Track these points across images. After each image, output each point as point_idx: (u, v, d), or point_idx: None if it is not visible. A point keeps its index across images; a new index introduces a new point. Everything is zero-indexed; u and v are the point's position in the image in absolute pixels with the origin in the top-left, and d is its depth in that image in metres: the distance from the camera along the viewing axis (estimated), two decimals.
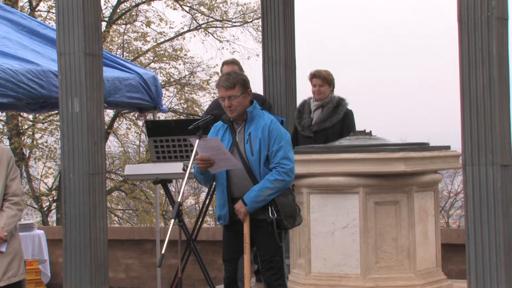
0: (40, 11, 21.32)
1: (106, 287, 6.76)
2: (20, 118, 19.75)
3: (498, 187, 5.34)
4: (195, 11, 22.16)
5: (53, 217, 22.68)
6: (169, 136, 7.46)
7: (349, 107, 7.66)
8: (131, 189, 21.34)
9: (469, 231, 5.43)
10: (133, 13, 21.92)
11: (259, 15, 9.83)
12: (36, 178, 21.96)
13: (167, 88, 21.65)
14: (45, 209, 21.50)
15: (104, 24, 20.48)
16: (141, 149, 21.82)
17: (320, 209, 6.42)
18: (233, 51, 21.96)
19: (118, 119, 21.22)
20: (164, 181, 7.53)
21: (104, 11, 20.86)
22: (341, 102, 7.62)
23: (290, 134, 5.86)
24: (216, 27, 22.57)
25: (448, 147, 6.76)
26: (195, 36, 22.30)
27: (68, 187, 6.66)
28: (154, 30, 21.66)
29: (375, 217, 6.30)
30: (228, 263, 5.74)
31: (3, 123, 20.10)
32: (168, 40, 22.03)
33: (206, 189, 8.66)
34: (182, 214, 5.51)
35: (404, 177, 6.33)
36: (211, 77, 21.54)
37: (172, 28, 21.80)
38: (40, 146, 20.26)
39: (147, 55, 21.69)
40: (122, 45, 21.31)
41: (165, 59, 21.71)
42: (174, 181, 12.62)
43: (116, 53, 19.61)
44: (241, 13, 22.22)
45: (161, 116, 18.12)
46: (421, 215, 6.43)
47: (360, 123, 7.62)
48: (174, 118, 20.18)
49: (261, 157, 5.50)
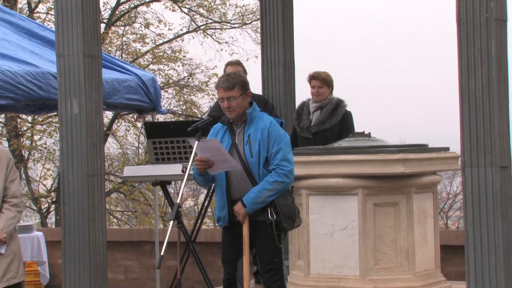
0: (39, 12, 21.34)
1: None
2: (19, 120, 19.75)
3: (497, 188, 5.34)
4: (194, 13, 22.17)
5: (52, 219, 22.68)
6: (168, 138, 7.45)
7: (348, 108, 7.66)
8: (130, 190, 21.34)
9: (468, 232, 5.42)
10: (132, 15, 21.94)
11: (258, 16, 9.84)
12: (35, 179, 21.96)
13: (166, 89, 21.65)
14: (44, 210, 21.50)
15: (103, 25, 20.48)
16: (140, 150, 21.81)
17: (319, 210, 6.42)
18: (232, 53, 22.00)
19: (117, 120, 21.23)
20: (163, 183, 7.53)
21: (103, 12, 20.87)
22: (340, 103, 7.62)
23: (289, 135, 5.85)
24: (215, 28, 22.58)
25: (447, 149, 6.75)
26: (194, 37, 22.34)
27: (67, 188, 6.65)
28: (153, 32, 21.70)
29: (374, 218, 6.30)
30: (227, 265, 5.74)
31: (2, 124, 20.10)
32: (167, 42, 22.04)
33: (205, 191, 8.65)
34: (181, 216, 5.50)
35: (403, 179, 6.33)
36: (210, 78, 21.55)
37: (171, 30, 21.84)
38: (39, 147, 20.26)
39: (146, 56, 21.69)
40: (121, 46, 21.31)
41: (164, 60, 21.72)
42: (173, 182, 12.60)
43: (115, 55, 19.61)
44: (240, 14, 22.24)
45: (160, 118, 18.13)
46: (420, 216, 6.43)
47: (359, 125, 7.63)
48: (173, 120, 20.18)
49: (260, 159, 5.49)
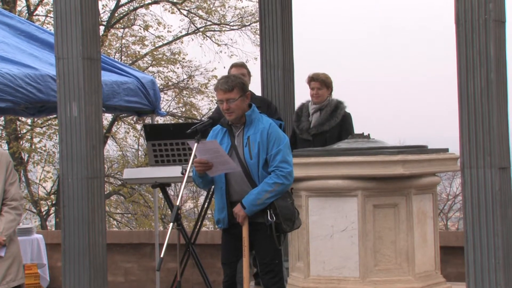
0: (38, 15, 21.34)
1: None
2: (18, 123, 19.74)
3: (496, 189, 5.34)
4: (193, 15, 22.18)
5: (52, 221, 22.67)
6: (168, 140, 7.46)
7: (347, 110, 7.66)
8: (129, 193, 21.33)
9: (467, 233, 5.42)
10: (131, 17, 21.94)
11: (257, 18, 9.84)
12: (35, 182, 21.95)
13: (165, 92, 21.65)
14: (44, 213, 21.49)
15: (102, 28, 20.48)
16: (140, 153, 21.81)
17: (319, 212, 6.42)
18: (231, 55, 22.00)
19: (116, 123, 21.23)
20: (163, 185, 7.53)
21: (102, 15, 20.87)
22: (339, 105, 7.63)
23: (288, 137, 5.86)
24: (214, 30, 22.59)
25: (446, 150, 6.76)
26: (193, 39, 22.35)
27: (67, 191, 6.65)
28: (152, 34, 21.70)
29: (373, 220, 6.30)
30: (227, 267, 5.74)
31: (1, 127, 20.09)
32: (166, 44, 22.04)
33: (205, 193, 8.65)
34: (181, 218, 5.51)
35: (402, 180, 6.33)
36: (209, 80, 21.55)
37: (170, 32, 21.85)
38: (38, 150, 20.25)
39: (145, 59, 21.70)
40: (120, 49, 21.31)
41: (163, 62, 21.72)
42: (173, 184, 12.60)
43: (114, 57, 19.61)
44: (239, 16, 22.24)
45: (160, 120, 18.12)
46: (420, 217, 6.43)
47: (358, 126, 7.63)
48: (173, 122, 20.19)
49: (259, 161, 5.49)
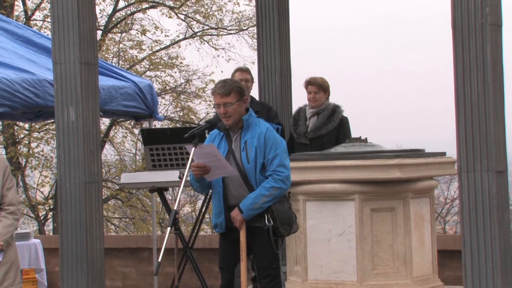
0: (36, 20, 21.35)
1: None
2: (16, 127, 19.74)
3: (494, 193, 5.34)
4: (191, 19, 22.21)
5: (49, 226, 22.66)
6: (165, 144, 7.46)
7: (345, 114, 7.67)
8: (127, 197, 21.34)
9: (465, 237, 5.43)
10: (129, 22, 21.96)
11: (255, 22, 9.85)
12: (33, 187, 21.94)
13: (163, 96, 21.67)
14: (42, 218, 21.48)
15: (99, 32, 20.49)
16: (138, 157, 21.81)
17: (316, 216, 6.42)
18: (229, 59, 22.04)
19: (114, 127, 21.23)
20: (161, 189, 7.54)
21: (99, 19, 20.89)
22: (336, 109, 7.63)
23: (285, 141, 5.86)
24: (212, 35, 22.62)
25: (443, 154, 6.76)
26: (190, 44, 22.38)
27: (64, 196, 6.65)
28: (150, 38, 21.73)
29: (371, 223, 6.30)
30: (224, 271, 5.74)
31: None
32: (164, 48, 22.06)
33: (202, 197, 8.66)
34: (179, 222, 5.51)
35: (399, 184, 6.34)
36: (206, 85, 21.58)
37: (168, 36, 21.88)
38: (36, 155, 20.25)
39: (142, 63, 21.71)
40: (117, 53, 21.33)
41: (160, 67, 21.75)
42: (171, 189, 12.61)
43: (111, 62, 19.62)
44: (237, 20, 22.27)
45: (157, 124, 18.12)
46: (417, 221, 6.44)
47: (355, 130, 7.64)
48: (170, 126, 20.19)
49: (257, 165, 5.50)
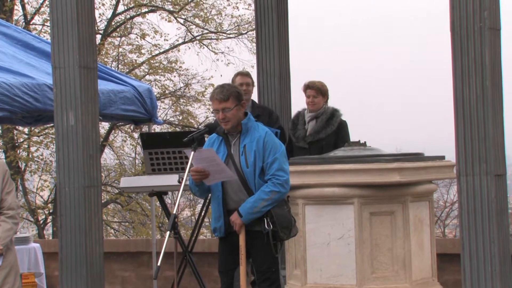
0: (35, 24, 21.35)
1: None
2: (15, 132, 19.74)
3: (492, 196, 5.35)
4: (190, 23, 22.21)
5: (49, 230, 22.63)
6: (164, 148, 7.47)
7: (343, 117, 7.68)
8: (127, 201, 21.32)
9: (463, 240, 5.43)
10: (128, 26, 21.97)
11: (254, 26, 9.86)
12: (32, 191, 21.93)
13: (162, 100, 21.68)
14: (41, 222, 21.47)
15: (99, 36, 20.51)
16: (137, 161, 21.81)
17: (316, 220, 6.42)
18: (228, 63, 22.05)
19: (113, 131, 21.23)
20: (160, 193, 7.54)
21: (99, 23, 20.90)
22: (335, 113, 7.64)
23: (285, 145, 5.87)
24: (211, 39, 22.63)
25: (442, 157, 6.77)
26: (190, 48, 22.38)
27: (64, 200, 6.66)
28: (149, 43, 21.74)
29: (370, 227, 6.30)
30: (224, 275, 5.74)
31: None
32: (163, 52, 22.07)
33: (202, 201, 8.66)
34: (178, 226, 5.52)
35: (399, 188, 6.34)
36: (206, 88, 21.58)
37: (167, 40, 21.89)
38: (35, 159, 20.25)
39: (142, 67, 21.72)
40: (117, 57, 21.33)
41: (160, 71, 21.75)
42: (170, 193, 12.61)
43: (111, 66, 19.64)
44: (236, 25, 22.28)
45: (157, 128, 18.13)
46: (416, 225, 6.44)
47: (354, 134, 7.64)
48: (169, 131, 20.19)
49: (256, 169, 5.50)
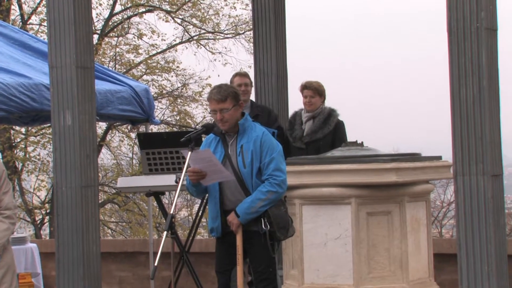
0: (32, 24, 21.34)
1: None
2: (12, 131, 19.73)
3: (489, 196, 5.35)
4: (187, 23, 22.21)
5: (46, 230, 22.62)
6: (161, 149, 7.47)
7: (340, 118, 7.69)
8: (124, 201, 21.31)
9: (460, 240, 5.44)
10: (125, 26, 21.96)
11: (251, 26, 9.87)
12: (29, 191, 21.90)
13: (159, 100, 21.66)
14: (38, 222, 21.45)
15: (96, 36, 20.50)
16: (134, 161, 21.80)
17: (313, 220, 6.42)
18: (226, 63, 22.04)
19: (110, 131, 21.22)
20: (157, 193, 7.54)
21: (96, 23, 20.90)
22: (332, 113, 7.65)
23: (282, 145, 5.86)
24: (208, 39, 22.62)
25: (439, 157, 6.77)
26: (187, 48, 22.38)
27: (61, 200, 6.65)
28: (146, 43, 21.73)
29: (367, 227, 6.31)
30: (221, 275, 5.75)
31: None
32: (160, 52, 22.06)
33: (199, 201, 8.66)
34: (175, 226, 5.51)
35: (396, 188, 6.34)
36: (203, 89, 21.57)
37: (164, 40, 21.88)
38: (32, 159, 20.23)
39: (139, 67, 21.71)
40: (114, 57, 21.32)
41: (157, 71, 21.74)
42: (167, 193, 12.60)
43: (108, 66, 19.62)
44: (233, 25, 22.28)
45: (154, 128, 18.13)
46: (413, 225, 6.44)
47: (351, 134, 7.65)
48: (167, 131, 20.18)
49: (253, 169, 5.50)
